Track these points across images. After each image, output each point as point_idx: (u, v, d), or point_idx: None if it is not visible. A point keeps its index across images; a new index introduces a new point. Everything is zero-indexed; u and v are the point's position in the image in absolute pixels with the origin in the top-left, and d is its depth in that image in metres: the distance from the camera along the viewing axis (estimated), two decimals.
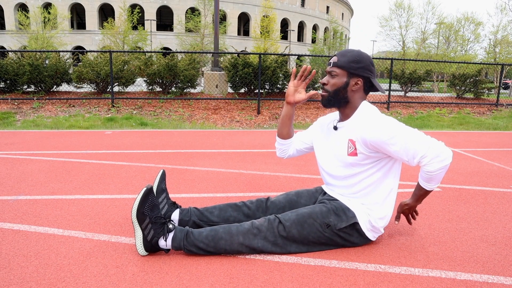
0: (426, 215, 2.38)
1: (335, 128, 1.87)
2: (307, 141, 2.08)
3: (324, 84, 1.81)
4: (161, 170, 2.02)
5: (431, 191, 1.80)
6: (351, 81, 1.76)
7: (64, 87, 9.05)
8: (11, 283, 1.52)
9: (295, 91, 1.94)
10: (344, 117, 1.84)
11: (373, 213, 1.81)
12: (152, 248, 1.75)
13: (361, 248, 1.89)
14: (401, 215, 2.16)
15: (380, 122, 1.69)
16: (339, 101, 1.79)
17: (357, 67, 1.73)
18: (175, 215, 1.96)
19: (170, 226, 1.76)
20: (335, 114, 1.96)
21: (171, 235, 1.75)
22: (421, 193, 1.83)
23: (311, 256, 1.80)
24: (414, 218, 1.97)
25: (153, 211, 1.75)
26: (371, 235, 1.86)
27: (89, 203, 2.48)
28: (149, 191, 1.74)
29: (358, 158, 1.77)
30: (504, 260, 1.81)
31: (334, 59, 1.78)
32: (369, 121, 1.71)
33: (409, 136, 1.65)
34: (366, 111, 1.78)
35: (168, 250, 1.77)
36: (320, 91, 1.86)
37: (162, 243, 1.75)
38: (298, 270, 1.67)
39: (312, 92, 1.87)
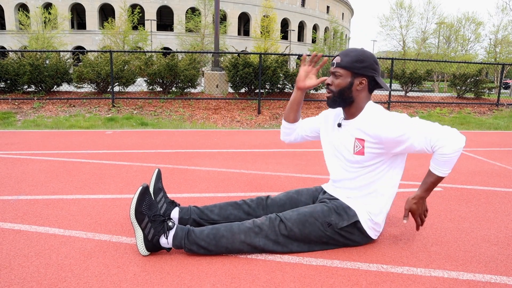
0: (428, 215, 2.37)
1: (339, 125, 1.87)
2: (312, 129, 2.08)
3: (328, 84, 1.80)
4: (156, 169, 2.01)
5: (442, 178, 1.74)
6: (355, 81, 1.74)
7: (65, 87, 9.05)
8: (12, 283, 1.51)
9: (306, 76, 1.93)
10: (349, 115, 1.83)
11: (373, 208, 1.81)
12: (153, 247, 1.75)
13: (363, 247, 1.89)
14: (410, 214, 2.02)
15: (392, 120, 1.68)
16: (344, 101, 1.78)
17: (361, 66, 1.72)
18: (175, 214, 1.95)
19: (170, 223, 1.75)
20: (338, 110, 1.95)
21: (172, 233, 1.75)
22: (431, 181, 1.75)
23: (313, 256, 1.79)
24: (422, 220, 1.86)
25: (151, 209, 1.74)
26: (373, 234, 1.86)
27: (90, 203, 2.48)
28: (145, 190, 1.73)
29: (365, 157, 1.77)
30: (506, 259, 1.80)
31: (337, 59, 1.76)
32: (381, 120, 1.70)
33: (421, 126, 1.66)
34: (373, 110, 1.77)
35: (169, 248, 1.77)
36: (325, 91, 1.85)
37: (163, 241, 1.74)
38: (300, 270, 1.66)
39: (323, 78, 1.86)
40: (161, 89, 9.03)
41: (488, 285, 1.58)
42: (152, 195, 1.94)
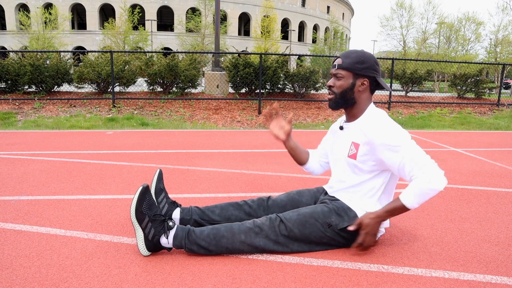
0: (429, 216, 2.38)
1: (341, 128, 1.88)
2: (325, 153, 2.12)
3: (330, 86, 1.79)
4: (158, 170, 2.02)
5: (407, 210, 1.67)
6: (357, 82, 1.74)
7: (65, 87, 9.06)
8: (14, 284, 1.51)
9: (279, 128, 2.02)
10: (350, 118, 1.83)
11: (372, 210, 1.81)
12: (154, 247, 1.75)
13: None
14: (358, 228, 1.76)
15: (391, 128, 1.68)
16: (346, 103, 1.78)
17: (362, 67, 1.72)
18: (176, 214, 1.96)
19: (170, 223, 1.76)
20: (343, 117, 1.97)
21: (172, 233, 1.75)
22: (396, 207, 1.67)
23: (313, 256, 1.79)
24: (365, 242, 1.72)
25: (151, 209, 1.75)
26: None
27: (91, 203, 2.48)
28: (145, 189, 1.73)
29: (357, 162, 1.77)
30: (507, 260, 1.80)
31: (338, 61, 1.76)
32: (380, 126, 1.69)
33: (414, 151, 1.63)
34: (374, 115, 1.76)
35: (170, 248, 1.77)
36: (327, 92, 1.84)
37: (163, 241, 1.75)
38: (301, 270, 1.66)
39: (289, 116, 1.96)
40: (162, 89, 9.04)
41: (488, 286, 1.58)
42: (154, 195, 1.94)
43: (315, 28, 47.72)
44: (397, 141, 1.65)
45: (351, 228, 1.74)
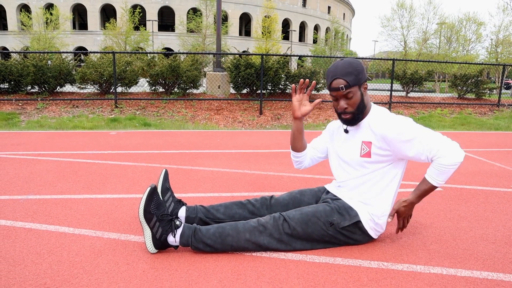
0: (428, 214, 2.43)
1: (346, 131, 1.93)
2: (321, 149, 2.15)
3: (345, 108, 1.81)
4: (164, 170, 2.07)
5: (435, 188, 1.81)
6: (361, 90, 1.82)
7: (68, 88, 9.12)
8: (27, 279, 1.57)
9: (300, 104, 1.99)
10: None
11: (375, 210, 1.86)
12: (161, 245, 1.81)
13: (364, 245, 1.94)
14: (395, 215, 1.99)
15: (400, 122, 1.75)
16: (362, 112, 1.84)
17: (360, 77, 1.80)
18: (182, 213, 2.01)
19: (177, 222, 1.81)
20: None
21: (179, 231, 1.81)
22: (425, 188, 1.83)
23: (316, 254, 1.85)
24: (405, 225, 1.94)
25: (159, 209, 1.80)
26: (373, 233, 1.91)
27: (97, 202, 2.54)
28: (153, 190, 1.79)
29: (371, 159, 1.83)
30: (503, 257, 1.86)
31: (341, 82, 1.77)
32: (389, 121, 1.77)
33: (427, 135, 1.74)
34: (379, 113, 1.84)
35: (177, 246, 1.83)
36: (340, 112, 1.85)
37: (171, 239, 1.80)
38: (304, 267, 1.72)
39: (316, 100, 1.93)
40: (164, 90, 9.10)
41: (485, 282, 1.63)
42: (160, 194, 1.99)
43: (316, 28, 47.77)
44: (409, 133, 1.73)
45: (389, 219, 1.91)
